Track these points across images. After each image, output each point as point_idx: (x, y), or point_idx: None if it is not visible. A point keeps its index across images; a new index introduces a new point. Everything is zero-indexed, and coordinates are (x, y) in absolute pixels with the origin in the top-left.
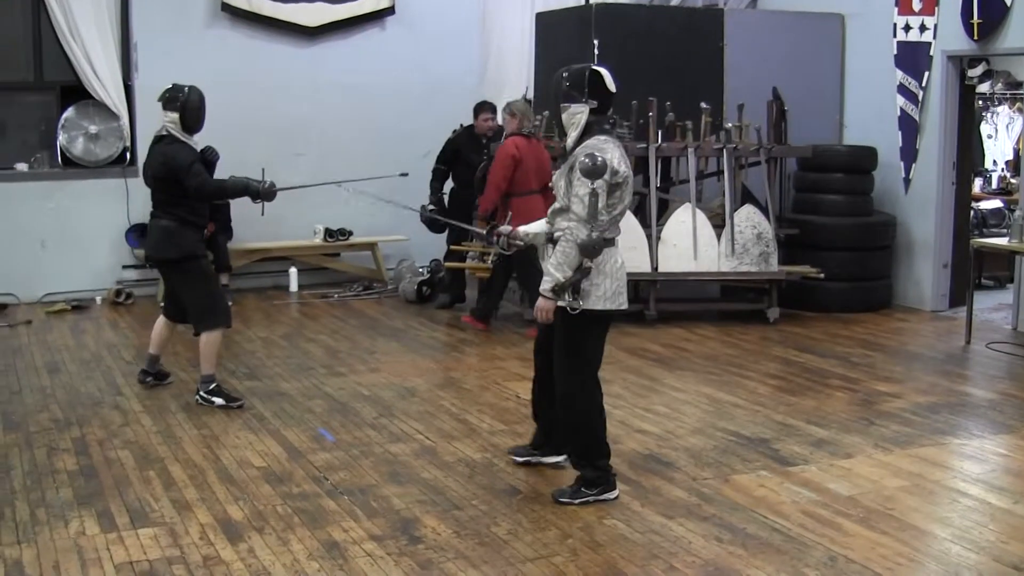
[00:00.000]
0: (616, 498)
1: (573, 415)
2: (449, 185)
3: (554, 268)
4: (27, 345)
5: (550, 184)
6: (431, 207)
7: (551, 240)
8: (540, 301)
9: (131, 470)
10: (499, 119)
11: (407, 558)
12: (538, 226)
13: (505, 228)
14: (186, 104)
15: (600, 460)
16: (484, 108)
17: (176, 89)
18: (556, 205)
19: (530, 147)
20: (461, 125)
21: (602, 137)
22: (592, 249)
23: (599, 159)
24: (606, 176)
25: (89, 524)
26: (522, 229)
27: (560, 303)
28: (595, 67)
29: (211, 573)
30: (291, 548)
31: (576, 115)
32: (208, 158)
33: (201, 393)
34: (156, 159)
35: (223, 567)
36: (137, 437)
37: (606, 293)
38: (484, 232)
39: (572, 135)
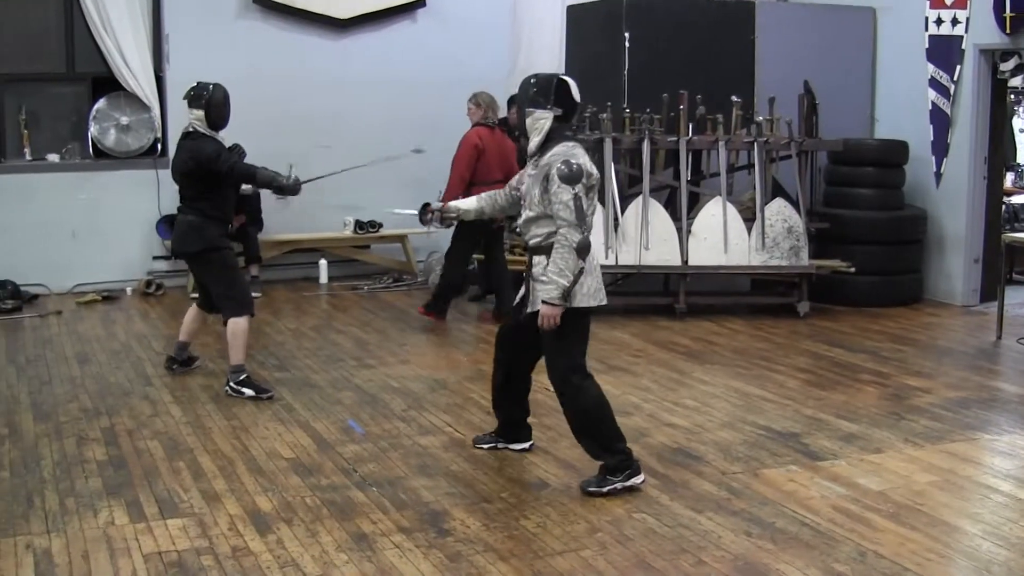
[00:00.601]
0: (643, 482)
1: (580, 411)
2: None
3: (557, 275)
4: (57, 335)
5: (514, 178)
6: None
7: (528, 249)
8: (547, 309)
9: (160, 460)
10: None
11: (436, 550)
12: (469, 202)
13: (436, 204)
14: (211, 101)
15: (617, 444)
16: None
17: (201, 87)
18: (530, 213)
19: (493, 137)
20: (501, 119)
21: (569, 144)
22: (586, 249)
23: (574, 164)
24: (583, 180)
25: (118, 514)
26: (453, 203)
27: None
28: (563, 76)
29: (240, 564)
30: (320, 540)
31: (540, 120)
32: (235, 153)
33: (231, 384)
34: (183, 154)
35: (252, 558)
36: (166, 427)
37: (589, 290)
38: (416, 212)
39: (534, 140)
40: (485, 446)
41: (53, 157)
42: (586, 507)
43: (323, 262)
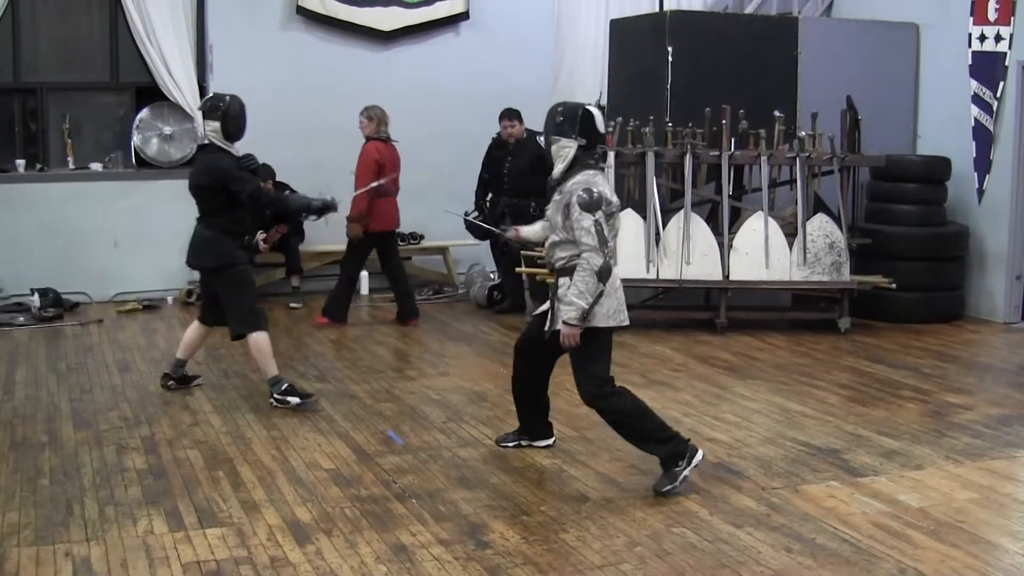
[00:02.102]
0: (703, 458)
1: (620, 418)
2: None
3: (577, 297)
4: (98, 344)
5: None
6: (474, 214)
7: (555, 270)
8: (566, 329)
9: (200, 470)
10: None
11: (475, 563)
12: (532, 230)
13: (510, 233)
14: (227, 113)
15: (666, 433)
16: (503, 115)
17: (217, 98)
18: (554, 238)
19: (388, 151)
20: (499, 133)
21: (590, 172)
22: (607, 273)
23: (594, 192)
24: (603, 207)
25: (157, 523)
26: (523, 231)
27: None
28: (588, 107)
29: (278, 574)
30: (359, 551)
31: (564, 148)
32: (247, 166)
33: (275, 396)
34: (198, 168)
35: (290, 569)
36: (206, 437)
37: (609, 311)
38: (500, 237)
39: (559, 167)
40: (509, 444)
41: (96, 166)
42: (625, 521)
43: (364, 273)
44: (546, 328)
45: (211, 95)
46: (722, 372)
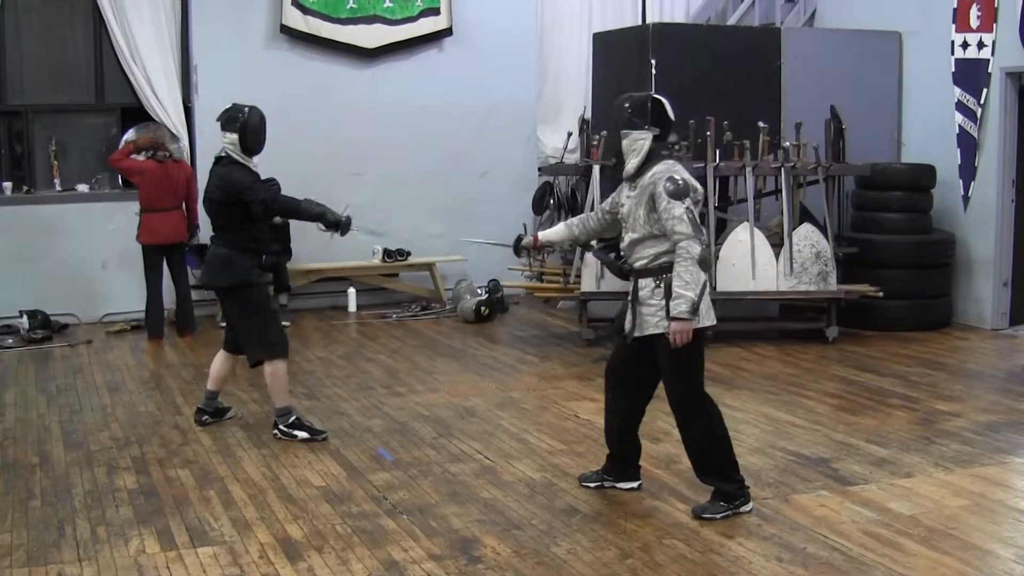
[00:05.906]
0: (751, 511)
1: (703, 437)
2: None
3: (684, 288)
4: (88, 365)
5: (606, 201)
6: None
7: (634, 271)
8: (677, 324)
9: (191, 489)
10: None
11: None
12: (559, 231)
13: (527, 239)
14: (246, 124)
15: (735, 472)
16: None
17: (236, 109)
18: (634, 236)
19: (162, 168)
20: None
21: (669, 161)
22: (707, 261)
23: (679, 180)
24: (691, 194)
25: (149, 542)
26: (543, 235)
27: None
28: (656, 96)
29: None
30: (350, 567)
31: (638, 141)
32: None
33: (281, 427)
34: (213, 182)
35: None
36: (197, 456)
37: (703, 309)
38: (511, 246)
39: (633, 161)
40: (592, 485)
41: (83, 187)
42: (617, 533)
43: (352, 290)
44: (626, 332)
45: (230, 106)
46: (710, 383)
